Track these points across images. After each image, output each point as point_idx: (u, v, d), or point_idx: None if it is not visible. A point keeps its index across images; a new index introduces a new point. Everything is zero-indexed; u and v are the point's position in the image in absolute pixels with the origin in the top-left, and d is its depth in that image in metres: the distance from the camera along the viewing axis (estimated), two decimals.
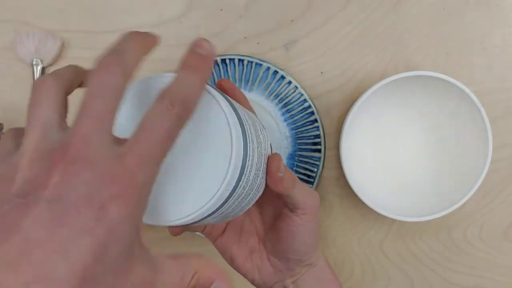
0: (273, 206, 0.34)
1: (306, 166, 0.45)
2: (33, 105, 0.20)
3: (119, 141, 0.19)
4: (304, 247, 0.33)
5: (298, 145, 0.45)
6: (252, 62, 0.43)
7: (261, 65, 0.43)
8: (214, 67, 0.44)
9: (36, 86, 0.21)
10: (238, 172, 0.23)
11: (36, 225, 0.16)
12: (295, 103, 0.44)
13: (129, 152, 0.19)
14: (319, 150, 0.44)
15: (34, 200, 0.17)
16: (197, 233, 0.45)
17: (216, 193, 0.22)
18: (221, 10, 0.45)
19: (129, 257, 0.19)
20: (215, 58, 0.43)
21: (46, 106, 0.20)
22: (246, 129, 0.24)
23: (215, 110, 0.22)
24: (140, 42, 0.22)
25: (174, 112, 0.19)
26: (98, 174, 0.18)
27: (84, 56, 0.44)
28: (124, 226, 0.18)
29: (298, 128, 0.45)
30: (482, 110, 0.40)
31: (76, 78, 0.23)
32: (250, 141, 0.24)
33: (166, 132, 0.19)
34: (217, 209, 0.23)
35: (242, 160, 0.23)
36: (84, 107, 0.19)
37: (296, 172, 0.45)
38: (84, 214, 0.17)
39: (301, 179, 0.45)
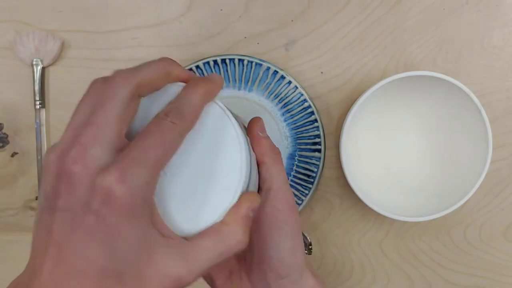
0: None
1: (306, 166, 0.45)
2: (98, 107, 0.22)
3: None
4: (279, 252, 0.30)
5: (298, 145, 0.45)
6: (252, 62, 0.43)
7: (261, 65, 0.43)
8: (214, 67, 0.44)
9: (104, 84, 0.22)
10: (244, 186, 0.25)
11: (59, 228, 0.20)
12: (295, 103, 0.44)
13: (123, 159, 0.21)
14: (319, 150, 0.44)
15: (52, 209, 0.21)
16: None
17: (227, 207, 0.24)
18: (221, 10, 0.45)
19: (145, 249, 0.21)
20: (215, 59, 0.43)
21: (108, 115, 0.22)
22: (249, 145, 0.27)
23: (229, 130, 0.25)
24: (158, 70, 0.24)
25: (168, 120, 0.22)
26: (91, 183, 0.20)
27: (84, 56, 0.44)
28: (124, 224, 0.20)
29: (298, 128, 0.45)
30: (482, 110, 0.40)
31: (159, 80, 0.24)
32: (250, 152, 0.27)
33: (160, 138, 0.21)
34: None
35: (248, 178, 0.26)
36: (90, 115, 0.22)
37: (296, 172, 0.45)
38: (86, 221, 0.20)
39: (301, 179, 0.45)
